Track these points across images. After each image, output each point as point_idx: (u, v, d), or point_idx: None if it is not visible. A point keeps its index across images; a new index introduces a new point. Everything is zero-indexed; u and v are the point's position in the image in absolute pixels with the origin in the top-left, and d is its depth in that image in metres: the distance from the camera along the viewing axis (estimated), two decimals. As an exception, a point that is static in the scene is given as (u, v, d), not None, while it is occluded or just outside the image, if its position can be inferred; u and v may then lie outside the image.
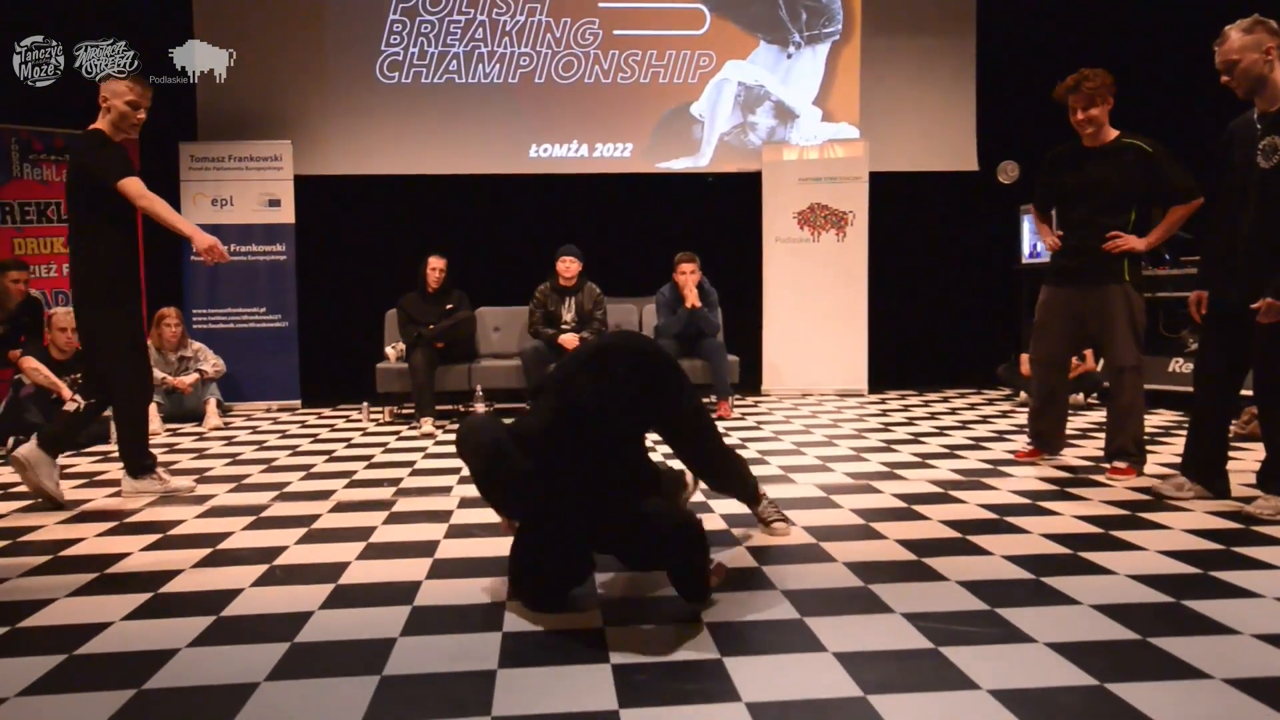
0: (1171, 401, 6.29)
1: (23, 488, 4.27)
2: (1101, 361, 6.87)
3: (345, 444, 5.45)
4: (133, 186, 3.81)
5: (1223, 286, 3.50)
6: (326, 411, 7.02)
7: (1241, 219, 3.39)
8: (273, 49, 7.64)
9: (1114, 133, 4.07)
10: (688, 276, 6.51)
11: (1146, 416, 5.96)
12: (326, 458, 4.97)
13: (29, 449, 3.82)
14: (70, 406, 3.98)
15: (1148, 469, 4.20)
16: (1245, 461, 4.25)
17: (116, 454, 5.14)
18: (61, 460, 4.97)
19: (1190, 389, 3.77)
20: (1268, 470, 3.43)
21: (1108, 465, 4.16)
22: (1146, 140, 4.00)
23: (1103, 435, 4.31)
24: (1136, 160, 3.98)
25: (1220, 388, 3.57)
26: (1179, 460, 3.78)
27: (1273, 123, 3.31)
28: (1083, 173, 4.10)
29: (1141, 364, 4.09)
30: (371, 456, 4.99)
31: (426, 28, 7.82)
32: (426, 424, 5.84)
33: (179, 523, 3.54)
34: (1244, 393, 3.61)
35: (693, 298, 6.48)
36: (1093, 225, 4.06)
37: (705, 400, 6.72)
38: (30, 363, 5.45)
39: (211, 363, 6.62)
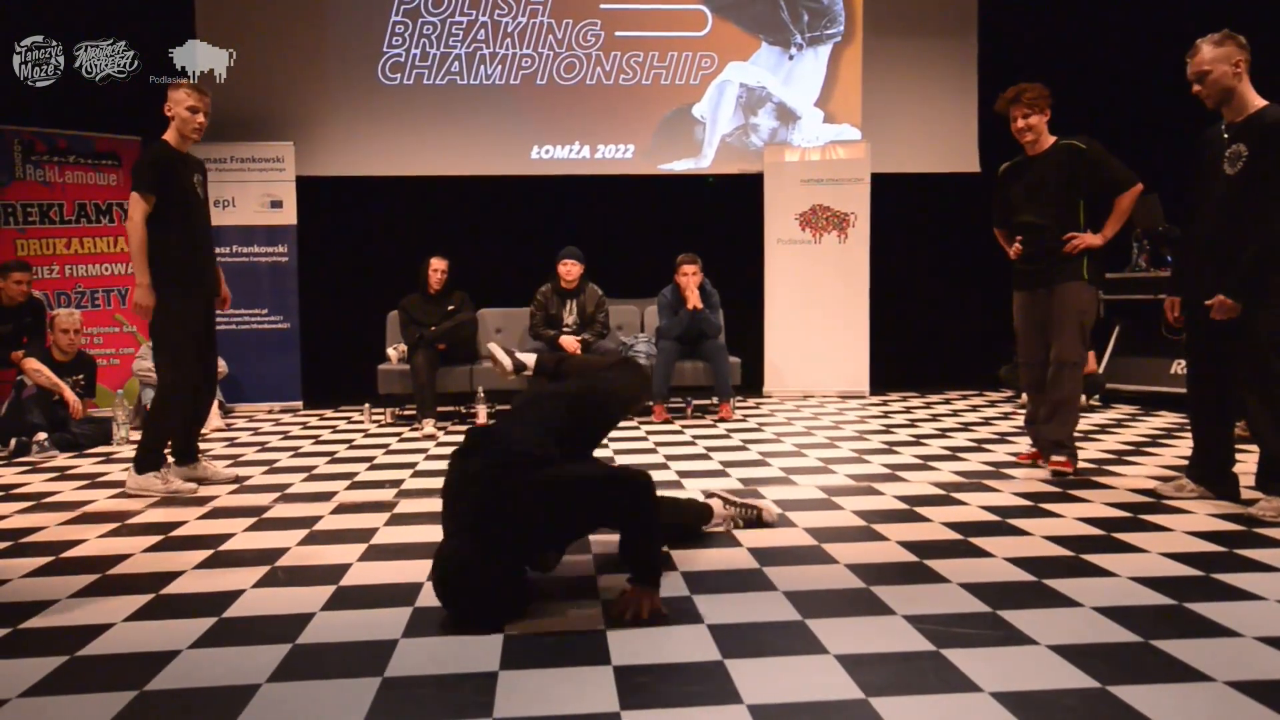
0: (1174, 403, 6.29)
1: (29, 489, 4.28)
2: (1103, 364, 6.89)
3: (347, 445, 5.45)
4: (131, 202, 4.01)
5: (1194, 290, 3.58)
6: (328, 413, 7.02)
7: (1208, 224, 3.50)
8: (275, 50, 7.65)
9: (1051, 139, 4.26)
10: (689, 278, 6.50)
11: (1150, 418, 6.00)
12: (328, 459, 4.97)
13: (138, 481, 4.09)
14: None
15: (1152, 470, 4.23)
16: (1248, 464, 4.24)
17: (119, 454, 5.16)
18: (64, 461, 4.99)
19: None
20: (1264, 471, 3.45)
21: (1045, 460, 4.26)
22: (1080, 139, 4.17)
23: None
24: (1072, 158, 4.14)
25: (1211, 390, 3.62)
26: (1182, 462, 3.80)
27: (1238, 132, 3.41)
28: (1027, 180, 4.30)
29: (1082, 361, 4.22)
30: (373, 458, 4.99)
31: (428, 29, 7.82)
32: (428, 425, 5.85)
33: (181, 524, 3.54)
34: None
35: (694, 299, 6.48)
36: (1043, 228, 4.20)
37: (707, 402, 6.77)
38: (33, 364, 5.45)
39: (213, 364, 6.62)
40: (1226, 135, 3.46)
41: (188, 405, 4.28)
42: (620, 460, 4.78)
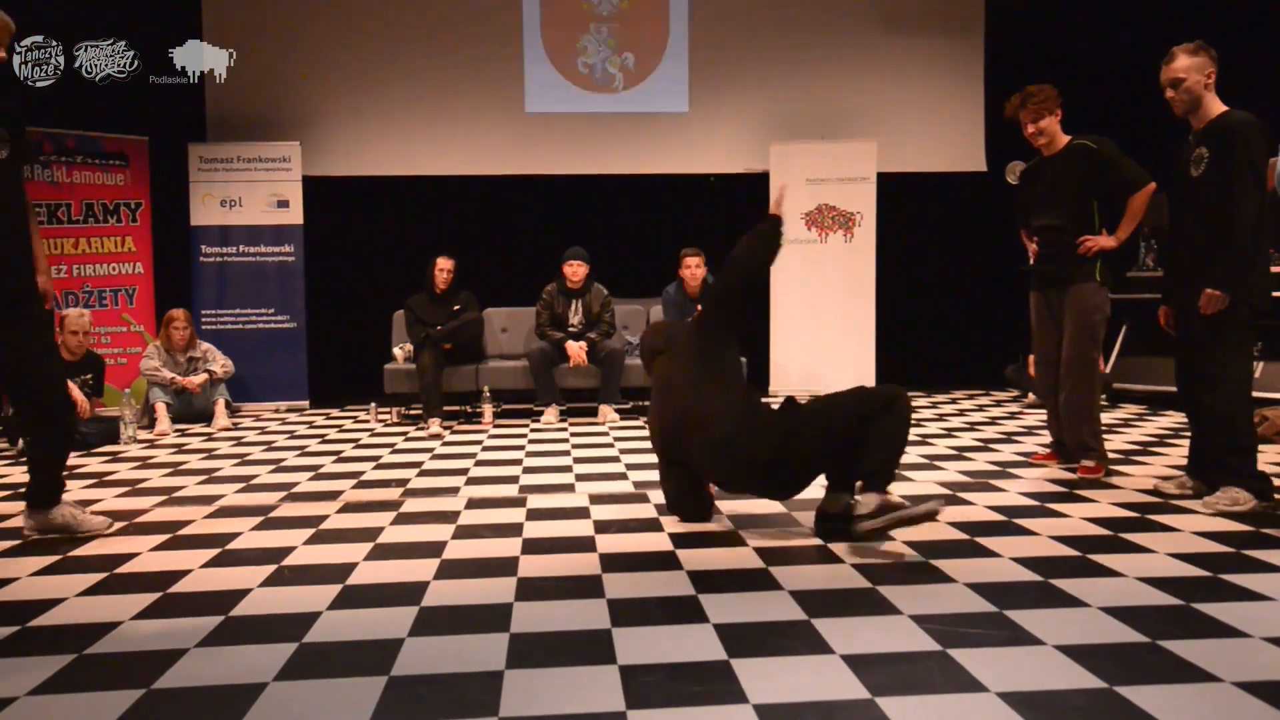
0: (1177, 403, 6.26)
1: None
2: (1110, 363, 6.87)
3: (353, 445, 5.46)
4: None
5: (1175, 291, 3.68)
6: (334, 412, 7.03)
7: (1182, 228, 3.63)
8: (281, 50, 7.66)
9: (1065, 139, 4.24)
10: (694, 270, 6.51)
11: (1158, 418, 5.98)
12: (334, 458, 4.98)
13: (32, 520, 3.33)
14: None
15: (1156, 470, 4.22)
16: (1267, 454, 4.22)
17: (126, 454, 5.18)
18: (71, 460, 4.99)
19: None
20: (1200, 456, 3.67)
21: (1076, 465, 4.22)
22: (1093, 139, 4.16)
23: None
24: (1084, 159, 4.14)
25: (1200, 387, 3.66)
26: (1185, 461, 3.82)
27: (1201, 136, 3.54)
28: (1043, 181, 4.30)
29: (1092, 363, 4.19)
30: (379, 457, 5.00)
31: (434, 29, 7.83)
32: (434, 425, 5.85)
33: (188, 523, 3.55)
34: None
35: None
36: (1058, 229, 4.20)
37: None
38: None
39: (220, 363, 6.64)
40: (1191, 140, 3.59)
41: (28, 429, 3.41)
42: (625, 460, 4.78)
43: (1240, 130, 3.40)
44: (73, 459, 5.06)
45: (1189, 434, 3.84)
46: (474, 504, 3.79)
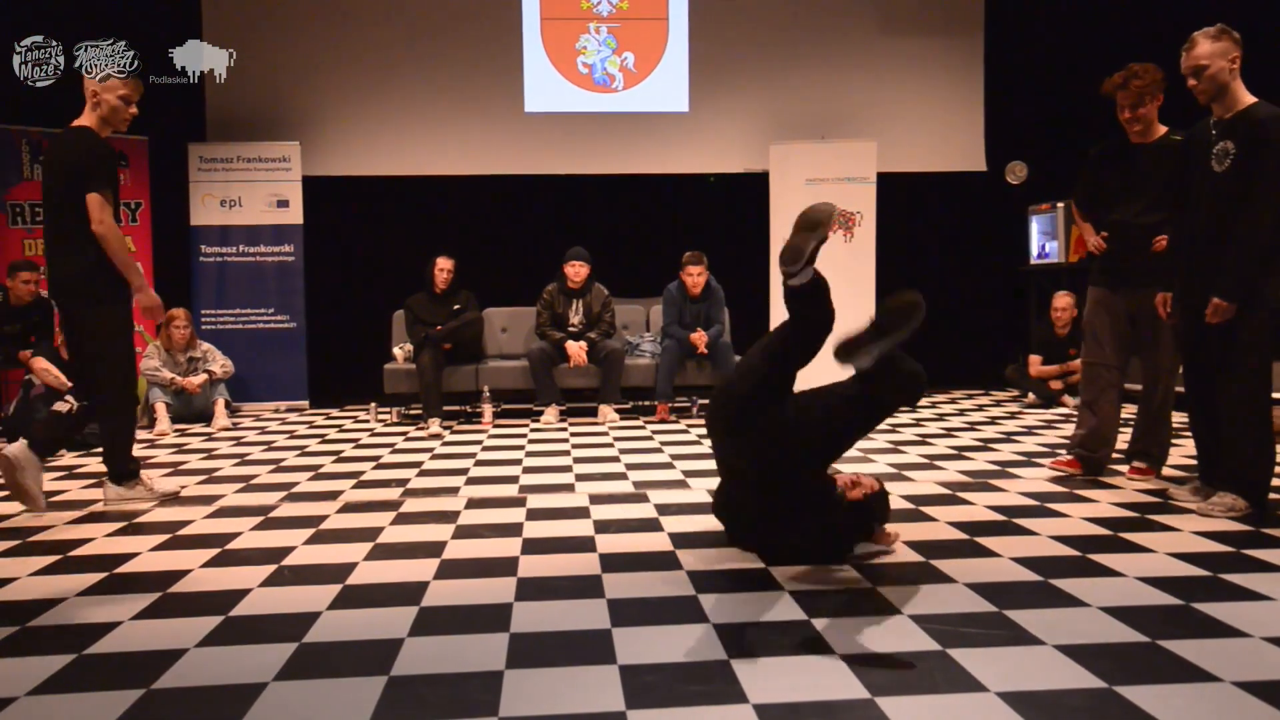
0: (1183, 403, 6.26)
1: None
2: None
3: (353, 444, 5.46)
4: (96, 205, 3.74)
5: (1186, 288, 3.55)
6: (334, 412, 7.03)
7: (1197, 221, 3.47)
8: (281, 50, 7.66)
9: (1162, 129, 3.97)
10: (695, 279, 6.51)
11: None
12: (334, 458, 4.98)
13: (19, 449, 3.65)
14: (61, 407, 3.84)
15: (1165, 470, 4.20)
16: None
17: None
18: (70, 460, 5.00)
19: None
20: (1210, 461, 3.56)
21: (1128, 464, 4.14)
22: None
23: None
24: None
25: (1206, 387, 3.57)
26: (1189, 461, 3.80)
27: (1226, 128, 3.38)
28: (1130, 170, 4.03)
29: (1175, 368, 4.02)
30: (379, 457, 5.00)
31: (434, 29, 7.83)
32: (434, 425, 5.85)
33: (188, 523, 3.55)
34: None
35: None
36: (1141, 225, 3.98)
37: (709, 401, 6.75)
38: (41, 363, 5.47)
39: (220, 363, 6.64)
40: (1214, 131, 3.42)
41: (133, 399, 4.18)
42: (624, 460, 4.78)
43: (1272, 128, 3.22)
44: (73, 458, 5.06)
45: (1188, 434, 3.79)
46: (474, 504, 3.79)
